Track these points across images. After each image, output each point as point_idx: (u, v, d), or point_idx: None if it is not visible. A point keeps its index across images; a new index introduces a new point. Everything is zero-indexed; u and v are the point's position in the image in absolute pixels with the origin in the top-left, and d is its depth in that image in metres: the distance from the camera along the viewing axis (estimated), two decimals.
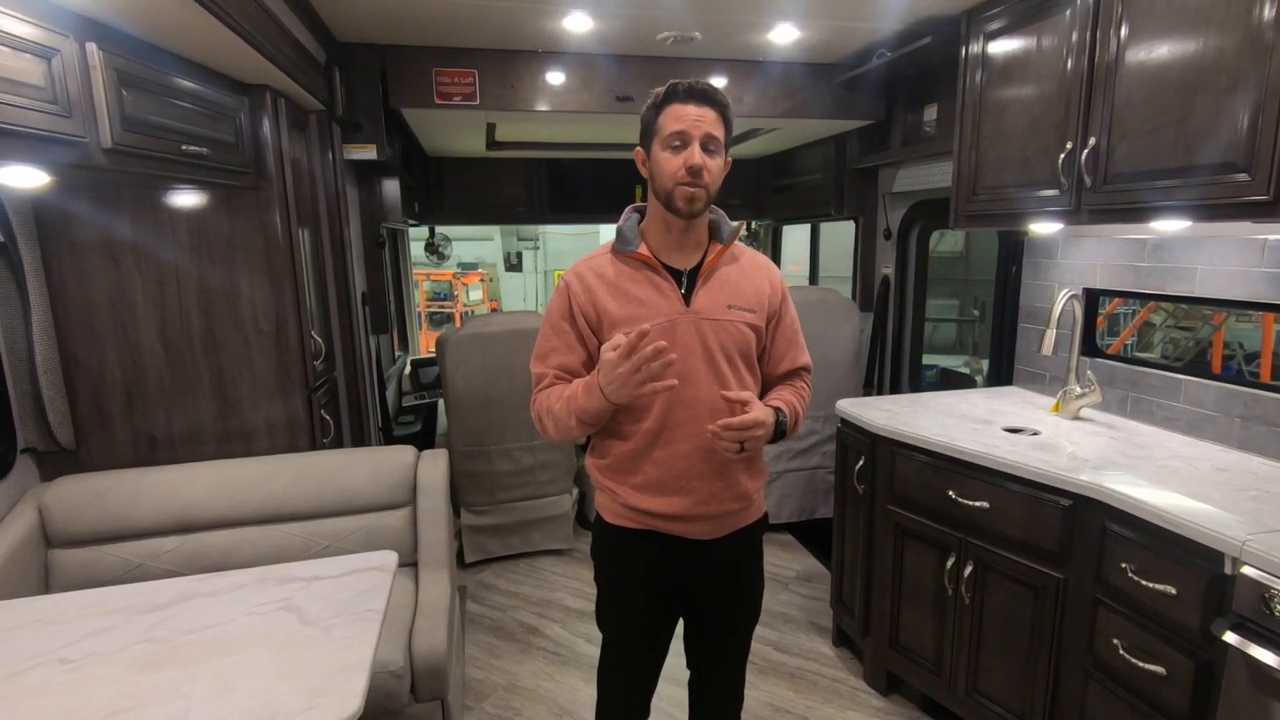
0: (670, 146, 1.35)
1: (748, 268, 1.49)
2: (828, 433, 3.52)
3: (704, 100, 1.35)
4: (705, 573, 1.51)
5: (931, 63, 2.82)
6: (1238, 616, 1.37)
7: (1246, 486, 1.68)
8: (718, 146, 1.37)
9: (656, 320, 1.38)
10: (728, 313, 1.43)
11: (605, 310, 1.41)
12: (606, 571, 1.57)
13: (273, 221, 2.14)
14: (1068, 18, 1.98)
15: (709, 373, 1.40)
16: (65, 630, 1.34)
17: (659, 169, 1.37)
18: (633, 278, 1.42)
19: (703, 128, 1.33)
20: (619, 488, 1.47)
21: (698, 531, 1.47)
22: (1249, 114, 1.53)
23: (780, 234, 5.36)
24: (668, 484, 1.42)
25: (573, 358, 1.44)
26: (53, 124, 1.33)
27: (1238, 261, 1.95)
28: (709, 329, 1.40)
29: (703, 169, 1.33)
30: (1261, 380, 3.55)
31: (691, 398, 1.39)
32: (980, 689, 2.02)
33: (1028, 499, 1.83)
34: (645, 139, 1.42)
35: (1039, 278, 2.61)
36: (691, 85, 1.35)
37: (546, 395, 1.44)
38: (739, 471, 1.46)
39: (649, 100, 1.40)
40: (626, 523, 1.49)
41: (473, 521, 3.30)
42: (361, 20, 2.48)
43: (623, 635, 1.58)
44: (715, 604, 1.56)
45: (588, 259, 1.48)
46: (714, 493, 1.44)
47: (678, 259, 1.44)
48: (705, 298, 1.42)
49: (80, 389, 2.05)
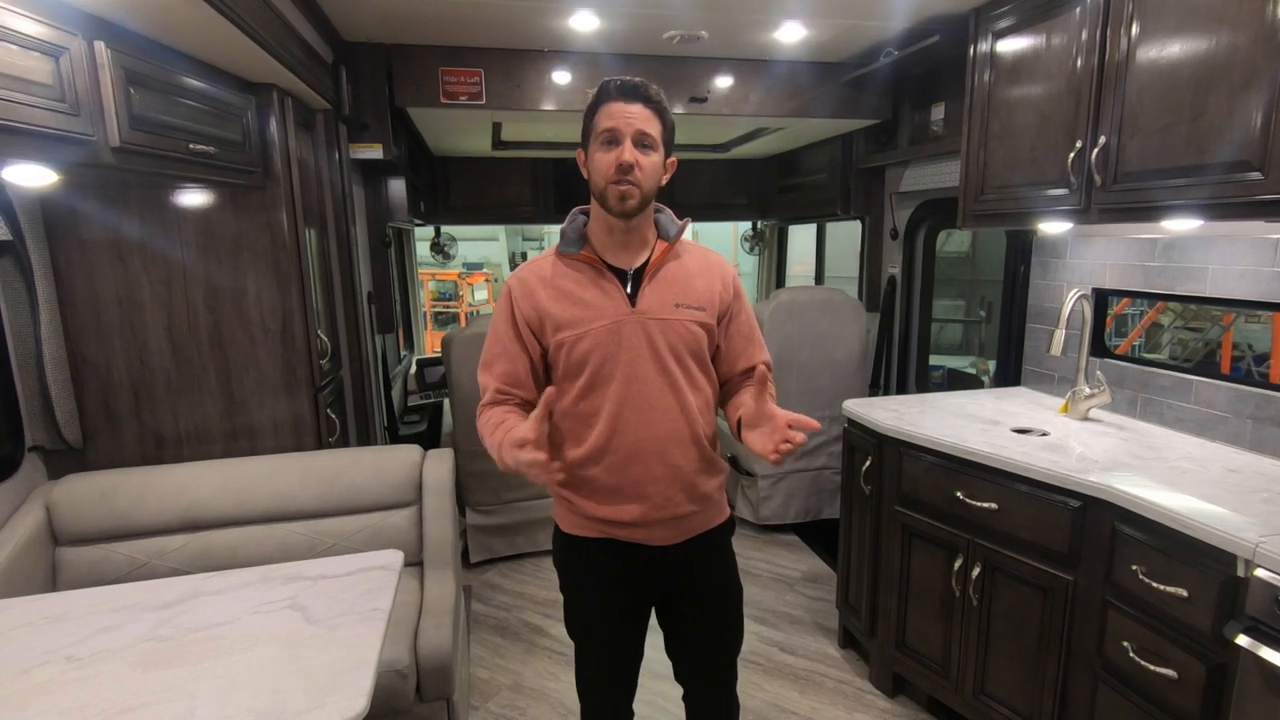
0: (603, 145, 1.32)
1: (697, 265, 1.45)
2: (834, 433, 3.51)
3: (635, 97, 1.31)
4: (671, 580, 1.48)
5: (939, 61, 2.80)
6: (1250, 619, 1.35)
7: (1259, 488, 1.66)
8: (652, 143, 1.33)
9: (601, 322, 1.36)
10: (675, 311, 1.39)
11: (548, 313, 1.38)
12: (569, 581, 1.54)
13: (279, 221, 2.14)
14: (1077, 16, 1.97)
15: (658, 373, 1.37)
16: (73, 628, 1.34)
17: (593, 167, 1.35)
18: (576, 279, 1.40)
19: (634, 124, 1.30)
20: (573, 496, 1.44)
21: (657, 538, 1.44)
22: (1262, 111, 1.51)
23: (786, 234, 5.34)
24: (623, 490, 1.39)
25: (516, 365, 1.42)
26: (61, 122, 1.34)
27: (1249, 261, 1.93)
28: (656, 329, 1.37)
29: (634, 165, 1.30)
30: (1272, 381, 3.52)
31: (641, 400, 1.36)
32: (988, 691, 2.01)
33: (1037, 500, 1.82)
34: (584, 140, 1.39)
35: (1048, 277, 2.59)
36: (623, 82, 1.32)
37: (486, 420, 1.40)
38: (695, 472, 1.42)
39: (587, 101, 1.37)
40: (584, 532, 1.46)
41: (478, 521, 3.30)
42: (368, 20, 2.49)
43: (592, 644, 1.56)
44: (689, 613, 1.53)
45: (531, 262, 1.46)
46: (670, 496, 1.40)
47: (623, 259, 1.41)
48: (651, 297, 1.39)
49: (88, 387, 2.05)
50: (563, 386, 1.40)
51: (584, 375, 1.37)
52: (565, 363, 1.39)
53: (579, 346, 1.37)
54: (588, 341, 1.36)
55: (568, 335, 1.37)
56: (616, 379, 1.36)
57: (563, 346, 1.38)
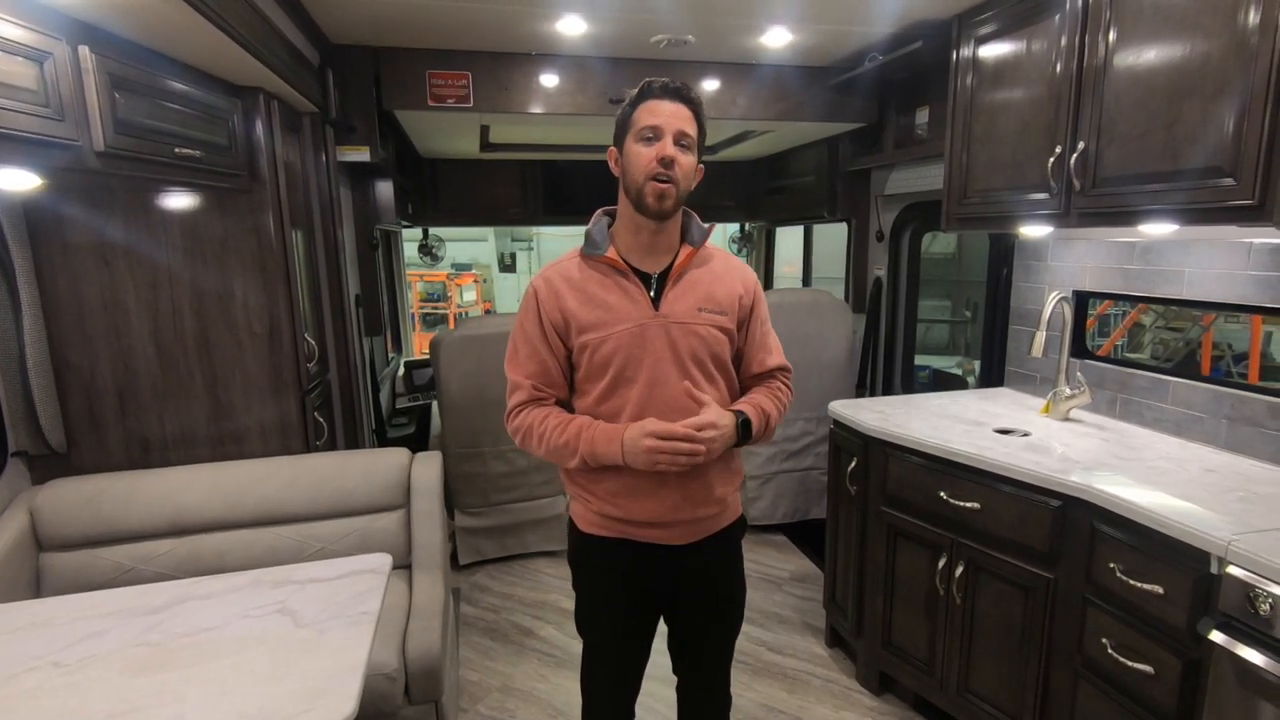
0: (643, 139, 1.34)
1: (719, 269, 1.48)
2: (821, 434, 3.54)
3: (678, 97, 1.35)
4: (683, 578, 1.51)
5: (923, 66, 2.84)
6: (1224, 616, 1.39)
7: (1234, 487, 1.70)
8: (690, 144, 1.36)
9: (624, 325, 1.38)
10: (698, 316, 1.41)
11: (572, 315, 1.40)
12: (583, 579, 1.57)
13: (266, 224, 2.13)
14: (1057, 22, 2.00)
15: (680, 377, 1.39)
16: (60, 634, 1.34)
17: (631, 163, 1.36)
18: (601, 282, 1.41)
19: (675, 124, 1.33)
20: (591, 494, 1.46)
21: (672, 537, 1.46)
22: (1235, 118, 1.55)
23: (774, 236, 5.37)
24: (640, 490, 1.41)
25: (546, 364, 1.44)
26: (45, 127, 1.33)
27: (1225, 264, 1.97)
28: (679, 333, 1.39)
29: (674, 161, 1.32)
30: (1250, 381, 3.58)
31: (662, 402, 1.38)
32: (972, 688, 2.04)
33: (1018, 500, 1.85)
34: (619, 137, 1.40)
35: (1029, 280, 2.63)
36: (666, 83, 1.35)
37: (543, 419, 1.42)
38: (713, 476, 1.45)
39: (625, 99, 1.39)
40: (600, 530, 1.48)
41: (467, 523, 3.30)
42: (355, 22, 2.48)
43: (603, 641, 1.58)
44: (696, 609, 1.56)
45: (556, 263, 1.47)
46: (687, 497, 1.43)
47: (648, 262, 1.43)
48: (675, 301, 1.41)
49: (72, 392, 2.04)
50: (585, 388, 1.43)
51: (607, 377, 1.40)
52: (589, 364, 1.41)
53: (602, 349, 1.39)
54: (611, 344, 1.38)
55: (592, 338, 1.39)
56: (639, 382, 1.38)
57: (586, 348, 1.40)
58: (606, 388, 1.40)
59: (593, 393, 1.42)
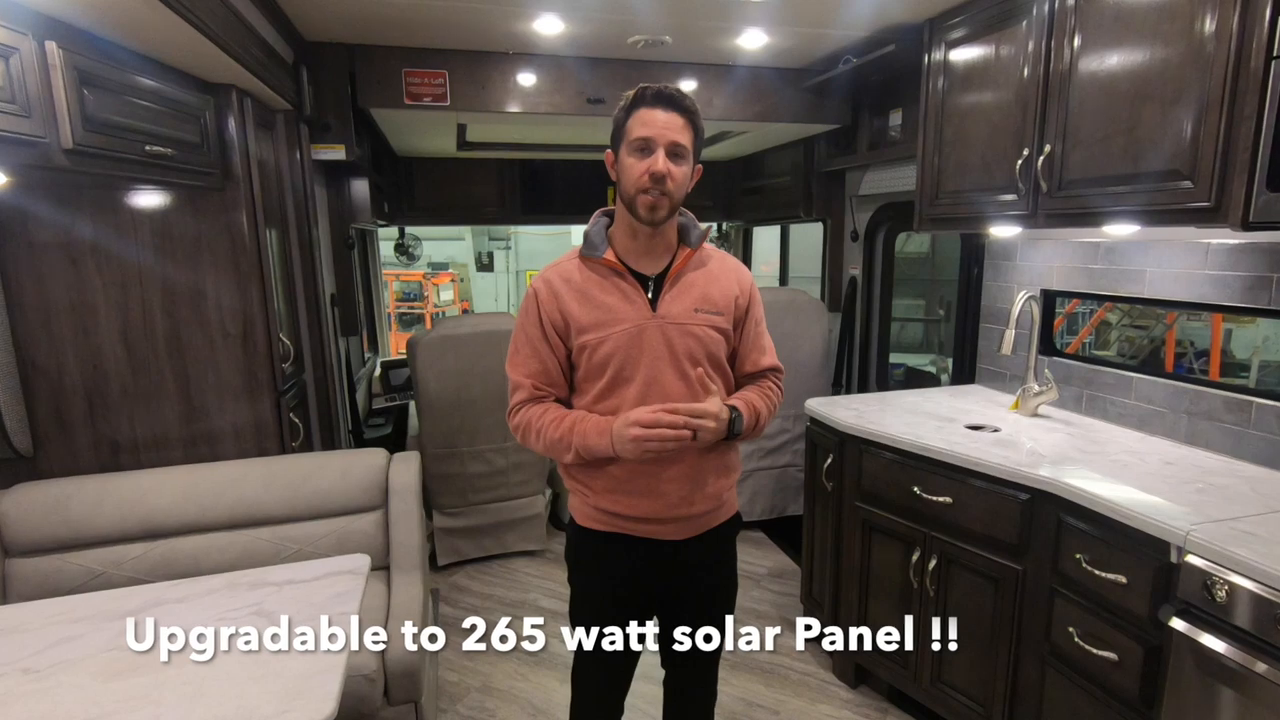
0: (635, 151, 1.35)
1: (716, 270, 1.50)
2: (797, 431, 3.57)
3: (671, 105, 1.34)
4: (678, 574, 1.53)
5: (896, 69, 2.88)
6: (1183, 603, 1.44)
7: (1193, 479, 1.76)
8: (685, 154, 1.36)
9: (623, 326, 1.40)
10: (695, 317, 1.44)
11: (572, 316, 1.42)
12: (579, 574, 1.58)
13: (239, 222, 2.11)
14: (1025, 28, 2.05)
15: (677, 377, 1.41)
16: (30, 639, 1.32)
17: (624, 173, 1.38)
18: (599, 284, 1.43)
19: (668, 135, 1.33)
20: (589, 490, 1.48)
21: (669, 533, 1.48)
22: (1192, 124, 1.60)
23: (751, 235, 5.42)
24: (638, 486, 1.44)
25: (546, 364, 1.46)
26: (11, 124, 1.31)
27: (1183, 264, 2.03)
28: (676, 334, 1.42)
29: (666, 176, 1.33)
30: (1211, 378, 3.69)
31: (660, 402, 1.39)
32: (945, 679, 2.08)
33: (988, 494, 1.89)
34: (614, 142, 1.42)
35: (999, 279, 2.69)
36: (660, 90, 1.35)
37: (540, 415, 1.44)
38: (710, 472, 1.48)
39: (620, 103, 1.40)
40: (598, 525, 1.50)
41: (445, 524, 3.29)
42: (330, 20, 2.46)
43: (596, 636, 1.58)
44: (689, 604, 1.58)
45: (556, 264, 1.49)
46: (685, 495, 1.45)
47: (645, 264, 1.45)
48: (672, 303, 1.43)
49: (38, 394, 2.00)
50: (584, 387, 1.45)
51: (605, 377, 1.41)
52: (587, 364, 1.43)
53: (601, 350, 1.40)
54: (609, 345, 1.40)
55: (590, 338, 1.41)
56: (636, 381, 1.40)
57: (585, 349, 1.41)
58: (605, 387, 1.42)
59: (591, 392, 1.44)
